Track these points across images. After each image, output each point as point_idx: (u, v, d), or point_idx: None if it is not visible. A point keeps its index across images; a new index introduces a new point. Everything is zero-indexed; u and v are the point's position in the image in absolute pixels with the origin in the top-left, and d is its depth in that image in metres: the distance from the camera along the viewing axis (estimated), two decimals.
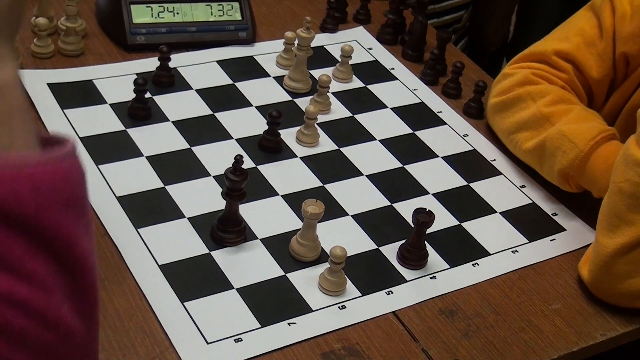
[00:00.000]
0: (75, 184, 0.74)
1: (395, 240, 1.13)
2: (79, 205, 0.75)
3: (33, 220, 0.70)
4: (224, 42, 1.45)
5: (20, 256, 0.70)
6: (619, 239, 1.04)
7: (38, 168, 0.70)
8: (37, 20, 1.32)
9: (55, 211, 0.71)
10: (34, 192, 0.69)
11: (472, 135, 1.36)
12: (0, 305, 0.70)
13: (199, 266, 1.05)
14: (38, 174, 0.70)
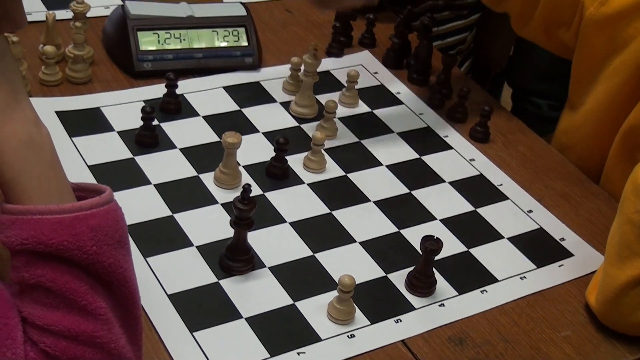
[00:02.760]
0: (122, 223, 0.79)
1: (403, 267, 1.13)
2: (126, 243, 0.80)
3: (93, 259, 0.75)
4: (230, 68, 1.46)
5: (85, 295, 0.75)
6: (630, 270, 1.03)
7: (92, 211, 0.76)
8: (44, 49, 1.32)
9: (112, 249, 0.76)
10: (92, 234, 0.75)
11: (478, 160, 1.36)
12: (72, 343, 0.75)
13: (208, 295, 1.05)
14: (93, 217, 0.75)
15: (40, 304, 0.74)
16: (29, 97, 1.26)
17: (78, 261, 0.74)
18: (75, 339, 0.74)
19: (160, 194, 1.18)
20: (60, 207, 0.74)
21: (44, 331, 0.74)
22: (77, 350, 0.74)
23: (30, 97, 1.25)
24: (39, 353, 0.74)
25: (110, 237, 0.76)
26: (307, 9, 1.68)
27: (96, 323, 0.75)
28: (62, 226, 0.73)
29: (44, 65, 1.34)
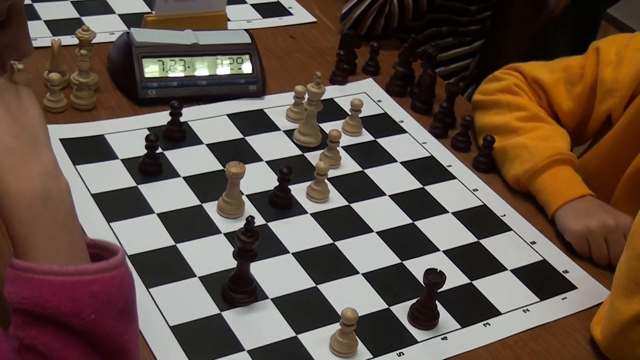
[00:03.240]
0: (128, 292, 0.77)
1: (406, 299, 1.13)
2: (131, 312, 0.78)
3: (90, 327, 0.73)
4: (235, 96, 1.46)
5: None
6: (636, 305, 1.03)
7: (96, 276, 0.74)
8: (50, 76, 1.33)
9: (111, 319, 0.74)
10: (92, 300, 0.73)
11: (482, 190, 1.36)
12: None
13: (210, 327, 1.04)
14: (96, 283, 0.74)
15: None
16: None
17: (75, 327, 0.72)
18: None
19: (163, 223, 1.18)
20: (62, 269, 0.73)
21: None
22: None
23: None
24: None
25: (111, 306, 0.74)
26: (311, 35, 1.69)
27: None
28: (62, 289, 0.72)
29: (49, 92, 1.34)
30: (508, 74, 1.45)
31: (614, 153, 1.35)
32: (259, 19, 1.71)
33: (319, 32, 1.71)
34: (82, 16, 1.61)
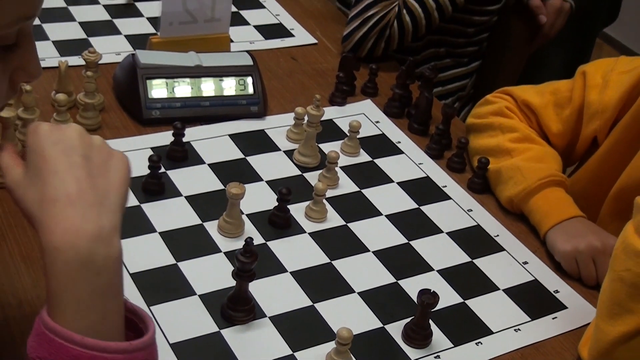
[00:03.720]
0: None
1: (401, 318, 1.13)
2: None
3: None
4: (236, 116, 1.47)
5: None
6: (620, 327, 1.04)
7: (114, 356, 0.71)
8: (57, 96, 1.34)
9: None
10: None
11: (476, 211, 1.37)
12: None
13: (209, 345, 1.05)
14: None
15: None
16: None
17: None
18: None
19: (165, 241, 1.19)
20: (82, 341, 0.70)
21: None
22: None
23: None
24: None
25: None
26: (312, 57, 1.71)
27: None
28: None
29: (56, 112, 1.35)
30: (499, 98, 1.47)
31: (599, 173, 1.36)
32: (262, 40, 1.73)
33: (320, 53, 1.72)
34: (89, 37, 1.62)
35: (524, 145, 1.38)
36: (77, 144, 0.76)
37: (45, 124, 0.77)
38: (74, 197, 0.73)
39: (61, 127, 0.77)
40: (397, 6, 1.68)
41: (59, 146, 0.75)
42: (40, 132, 0.76)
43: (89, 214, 0.73)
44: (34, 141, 0.76)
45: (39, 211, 0.74)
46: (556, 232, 1.28)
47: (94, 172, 0.75)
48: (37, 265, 1.11)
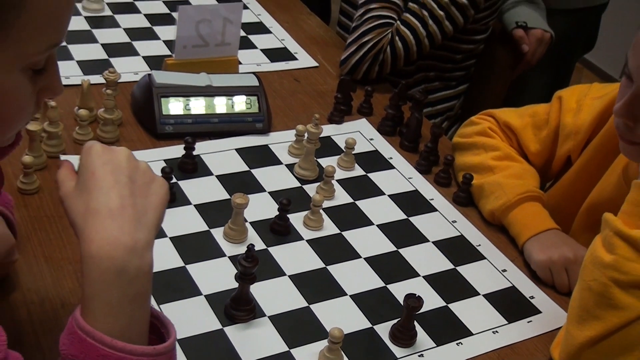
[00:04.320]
0: None
1: (388, 319, 1.14)
2: None
3: None
4: (243, 132, 1.48)
5: None
6: (588, 332, 1.05)
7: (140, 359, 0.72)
8: (79, 112, 1.35)
9: None
10: None
11: (460, 222, 1.38)
12: None
13: (213, 341, 1.06)
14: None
15: None
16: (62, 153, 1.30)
17: None
18: None
19: (174, 246, 1.20)
20: (111, 342, 0.71)
21: None
22: None
23: (64, 155, 1.30)
24: None
25: None
26: (313, 79, 1.72)
27: None
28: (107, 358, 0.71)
29: (78, 126, 1.37)
30: (483, 119, 1.48)
31: (572, 190, 1.37)
32: (268, 63, 1.74)
33: (321, 75, 1.74)
34: (110, 57, 1.63)
35: (505, 163, 1.39)
36: (125, 165, 0.78)
37: (99, 144, 0.79)
38: (115, 211, 0.74)
39: (112, 149, 0.79)
40: (390, 33, 1.69)
41: (108, 166, 0.77)
42: (93, 152, 0.78)
43: (126, 227, 0.74)
44: (86, 159, 0.78)
45: (82, 221, 0.75)
46: (533, 243, 1.29)
47: (136, 192, 0.77)
48: (58, 266, 1.12)
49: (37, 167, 1.27)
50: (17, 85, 0.77)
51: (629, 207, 1.06)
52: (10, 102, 0.77)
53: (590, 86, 1.41)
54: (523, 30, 1.95)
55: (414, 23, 1.70)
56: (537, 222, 1.30)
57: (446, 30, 1.73)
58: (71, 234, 1.17)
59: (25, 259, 1.12)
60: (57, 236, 1.17)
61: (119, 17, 1.78)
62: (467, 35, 1.85)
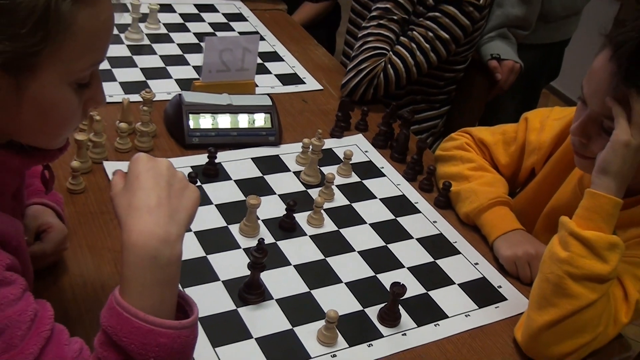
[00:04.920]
0: (187, 350, 0.75)
1: (377, 303, 1.14)
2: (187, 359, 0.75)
3: None
4: (257, 144, 1.48)
5: None
6: (546, 316, 1.05)
7: (167, 331, 0.72)
8: (120, 125, 1.36)
9: None
10: (157, 349, 0.72)
11: (439, 222, 1.37)
12: None
13: (228, 319, 1.06)
14: (164, 336, 0.72)
15: None
16: (105, 160, 1.31)
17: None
18: None
19: (197, 239, 1.20)
20: (144, 317, 0.72)
21: None
22: None
23: (106, 161, 1.30)
24: None
25: (170, 357, 0.72)
26: (318, 100, 1.72)
27: None
28: (138, 332, 0.71)
29: (119, 137, 1.37)
30: (461, 136, 1.48)
31: (535, 196, 1.37)
32: (280, 86, 1.74)
33: (325, 97, 1.74)
34: (147, 79, 1.64)
35: (479, 173, 1.39)
36: (164, 172, 0.78)
37: (145, 155, 0.80)
38: (153, 208, 0.75)
39: (156, 159, 0.80)
40: (383, 62, 1.70)
41: (150, 172, 0.78)
42: (139, 160, 0.79)
43: (161, 222, 0.74)
44: (133, 166, 0.79)
45: (125, 215, 0.75)
46: (501, 241, 1.29)
47: (171, 195, 0.77)
48: (99, 254, 1.13)
49: (84, 171, 1.28)
50: (65, 97, 0.77)
51: (582, 211, 1.06)
52: (59, 112, 0.78)
53: (551, 109, 1.41)
54: (497, 61, 1.95)
55: (404, 54, 1.70)
56: (505, 223, 1.30)
57: (431, 61, 1.73)
58: (111, 227, 1.18)
59: (72, 248, 1.12)
60: (98, 229, 1.18)
61: (156, 46, 1.78)
62: (449, 65, 1.85)
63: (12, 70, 0.72)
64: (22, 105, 0.75)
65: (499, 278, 1.26)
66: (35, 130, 0.79)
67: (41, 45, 0.71)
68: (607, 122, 1.07)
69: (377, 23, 1.71)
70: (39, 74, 0.73)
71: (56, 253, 1.05)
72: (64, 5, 0.71)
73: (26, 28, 0.69)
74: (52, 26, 0.71)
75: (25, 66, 0.72)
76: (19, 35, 0.69)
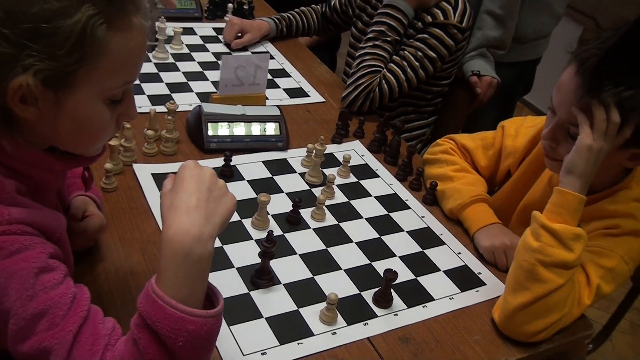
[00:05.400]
0: (212, 337, 0.74)
1: (372, 287, 1.14)
2: (209, 350, 0.75)
3: (177, 348, 0.71)
4: (268, 149, 1.47)
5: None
6: (520, 299, 1.04)
7: (195, 319, 0.72)
8: (147, 132, 1.36)
9: (194, 349, 0.72)
10: (186, 334, 0.71)
11: (427, 217, 1.37)
12: None
13: (241, 301, 1.06)
14: (193, 324, 0.71)
15: (132, 354, 0.73)
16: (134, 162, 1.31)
17: (167, 345, 0.71)
18: None
19: None
20: (176, 305, 0.71)
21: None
22: None
23: (135, 163, 1.30)
24: None
25: (197, 342, 0.72)
26: (321, 111, 1.71)
27: None
28: (170, 319, 0.71)
29: (146, 142, 1.37)
30: (446, 141, 1.47)
31: (511, 194, 1.37)
32: (287, 99, 1.74)
33: (326, 108, 1.73)
34: (172, 93, 1.63)
35: (461, 174, 1.39)
36: (207, 180, 0.78)
37: (193, 162, 0.79)
38: (191, 209, 0.74)
39: (202, 167, 0.79)
40: (378, 78, 1.70)
41: (194, 178, 0.77)
42: (187, 166, 0.79)
43: (197, 222, 0.74)
44: (181, 171, 0.78)
45: (166, 212, 0.75)
46: (480, 234, 1.28)
47: (210, 199, 0.77)
48: (129, 245, 1.13)
49: (116, 172, 1.28)
50: (98, 112, 0.77)
51: (551, 207, 1.06)
52: (93, 125, 0.78)
53: (525, 118, 1.41)
54: (477, 77, 1.94)
55: (397, 71, 1.70)
56: (484, 218, 1.30)
57: (420, 77, 1.73)
58: (139, 221, 1.18)
59: (105, 239, 1.12)
60: (128, 223, 1.18)
61: (179, 64, 1.78)
62: (436, 80, 1.85)
63: (52, 86, 0.72)
64: (60, 117, 0.75)
65: (478, 266, 1.25)
66: (73, 140, 0.79)
67: (77, 65, 0.71)
68: (573, 128, 1.07)
69: (372, 44, 1.71)
70: (75, 90, 0.73)
71: (93, 236, 1.05)
72: (99, 31, 0.71)
73: (64, 49, 0.70)
74: (87, 49, 0.71)
75: (63, 83, 0.72)
76: (58, 56, 0.70)
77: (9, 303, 0.71)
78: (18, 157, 0.76)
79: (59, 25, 0.69)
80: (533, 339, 1.07)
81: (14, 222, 0.72)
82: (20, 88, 0.70)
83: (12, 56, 0.69)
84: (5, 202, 0.74)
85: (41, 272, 0.73)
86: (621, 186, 1.15)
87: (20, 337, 0.72)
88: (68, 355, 0.71)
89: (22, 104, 0.72)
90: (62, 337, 0.71)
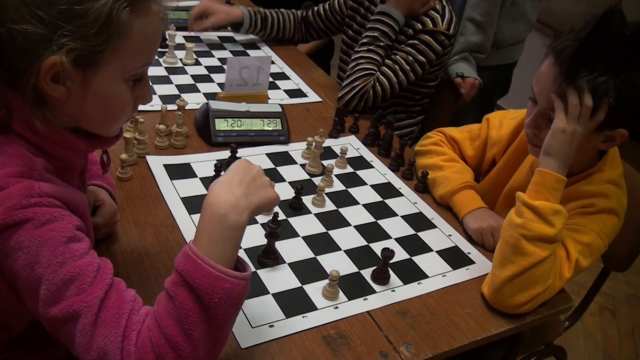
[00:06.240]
0: (242, 297, 0.75)
1: (370, 266, 1.12)
2: (238, 308, 0.75)
3: (212, 305, 0.71)
4: (271, 142, 1.46)
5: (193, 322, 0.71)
6: (506, 272, 1.03)
7: (230, 279, 0.72)
8: (159, 127, 1.34)
9: (227, 307, 0.72)
10: (222, 292, 0.71)
11: (419, 203, 1.35)
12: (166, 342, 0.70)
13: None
14: (228, 282, 0.72)
15: (167, 309, 0.72)
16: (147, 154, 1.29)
17: (203, 301, 0.71)
18: (169, 341, 0.71)
19: None
20: (213, 264, 0.72)
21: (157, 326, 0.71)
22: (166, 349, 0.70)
23: (148, 155, 1.28)
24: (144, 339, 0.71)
25: (230, 299, 0.72)
26: (319, 109, 1.69)
27: (187, 341, 0.71)
28: (208, 276, 0.71)
29: (158, 136, 1.35)
30: (435, 134, 1.45)
31: (496, 181, 1.35)
32: (288, 98, 1.72)
33: (324, 107, 1.72)
34: (181, 93, 1.61)
35: (450, 163, 1.37)
36: (254, 172, 0.81)
37: (246, 160, 0.83)
38: (233, 184, 0.77)
39: (251, 164, 0.82)
40: (372, 80, 1.68)
41: (243, 169, 0.80)
42: (239, 161, 0.82)
43: (236, 193, 0.76)
44: (234, 163, 0.82)
45: (212, 185, 0.78)
46: (469, 217, 1.26)
47: (252, 184, 0.79)
48: (143, 228, 1.10)
49: (130, 163, 1.26)
50: (121, 91, 0.77)
51: (532, 186, 1.05)
52: (116, 102, 0.78)
53: (508, 111, 1.39)
54: (461, 79, 1.93)
55: (389, 74, 1.68)
56: (472, 203, 1.28)
57: (410, 79, 1.71)
58: (152, 207, 1.15)
59: (121, 223, 1.10)
60: (142, 209, 1.16)
61: (188, 68, 1.76)
62: (424, 82, 1.83)
63: (81, 65, 0.72)
64: (87, 96, 0.75)
65: (468, 246, 1.24)
66: (97, 118, 0.79)
67: (104, 45, 0.72)
68: (553, 115, 1.06)
69: (367, 48, 1.69)
70: (101, 69, 0.74)
71: (108, 226, 1.03)
72: (123, 14, 0.72)
73: (94, 29, 0.70)
74: (113, 30, 0.72)
75: (91, 62, 0.72)
76: (88, 36, 0.70)
77: (41, 269, 0.70)
78: (48, 137, 0.76)
79: (89, 7, 0.70)
80: (519, 310, 1.05)
81: (44, 196, 0.72)
82: (53, 66, 0.71)
83: (46, 36, 0.70)
84: (35, 177, 0.74)
85: (70, 241, 0.73)
86: (595, 169, 1.14)
87: (51, 302, 0.71)
88: (96, 318, 0.70)
89: (54, 82, 0.73)
90: (90, 301, 0.71)
